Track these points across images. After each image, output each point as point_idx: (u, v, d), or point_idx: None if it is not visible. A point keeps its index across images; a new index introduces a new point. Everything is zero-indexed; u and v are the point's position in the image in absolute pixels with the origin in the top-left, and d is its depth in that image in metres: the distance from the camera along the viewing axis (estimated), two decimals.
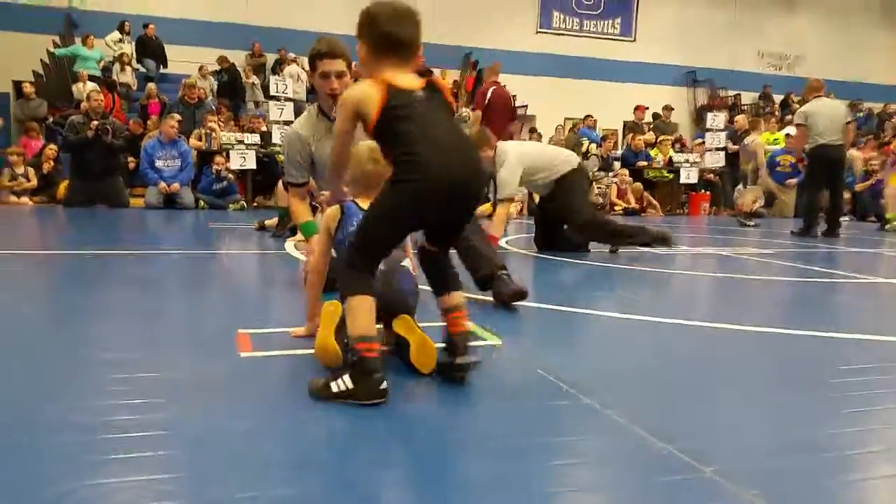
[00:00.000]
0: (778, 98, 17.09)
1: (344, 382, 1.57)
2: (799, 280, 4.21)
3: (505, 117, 7.28)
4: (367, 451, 1.34)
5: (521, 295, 2.68)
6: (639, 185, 10.89)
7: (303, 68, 13.31)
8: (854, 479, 1.31)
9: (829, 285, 4.00)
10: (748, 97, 17.66)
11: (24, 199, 8.73)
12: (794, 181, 10.20)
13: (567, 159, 4.80)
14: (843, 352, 2.30)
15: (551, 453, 1.35)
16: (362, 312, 1.60)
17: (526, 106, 15.68)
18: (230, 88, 12.60)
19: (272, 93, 9.42)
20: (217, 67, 12.76)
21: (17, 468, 1.19)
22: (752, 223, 8.69)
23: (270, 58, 14.13)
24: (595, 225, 4.78)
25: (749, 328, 2.59)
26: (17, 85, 11.75)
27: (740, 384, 1.90)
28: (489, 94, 7.37)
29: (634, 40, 17.33)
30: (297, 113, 9.53)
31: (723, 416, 1.60)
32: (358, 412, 1.55)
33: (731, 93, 17.65)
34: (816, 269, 4.71)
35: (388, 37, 1.68)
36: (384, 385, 1.56)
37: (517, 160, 4.54)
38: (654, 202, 10.92)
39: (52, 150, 9.18)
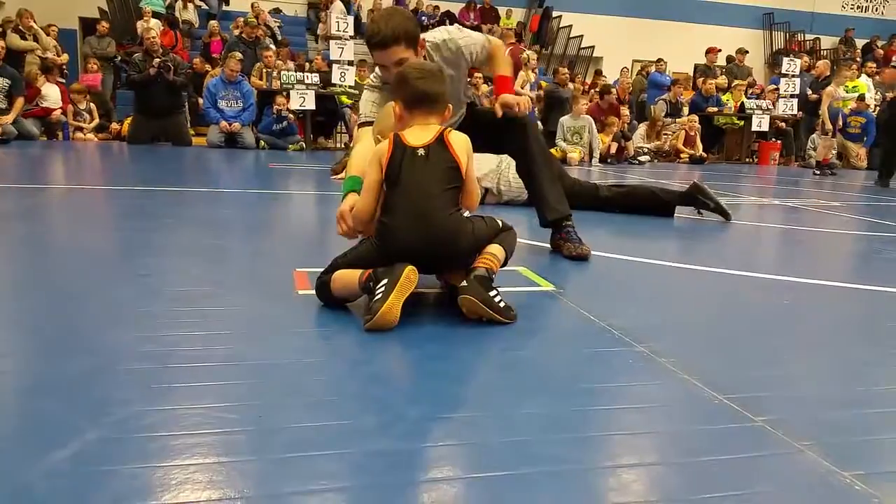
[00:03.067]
0: (860, 43, 16.06)
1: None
2: (867, 234, 4.03)
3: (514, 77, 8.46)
4: (420, 389, 1.38)
5: (583, 259, 2.65)
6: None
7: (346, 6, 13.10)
8: None
9: None
10: (828, 42, 16.66)
11: (90, 136, 9.02)
12: (863, 151, 10.09)
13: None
14: None
15: (602, 397, 1.35)
16: None
17: (592, 48, 15.18)
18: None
19: (333, 31, 9.36)
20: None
21: (92, 391, 1.27)
22: (818, 172, 8.77)
23: None
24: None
25: (812, 281, 2.51)
26: (84, 21, 11.94)
27: (799, 337, 1.86)
28: None
29: None
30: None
31: (779, 368, 1.57)
32: (411, 353, 1.58)
33: (810, 37, 16.66)
34: (887, 223, 4.49)
35: (417, 92, 1.88)
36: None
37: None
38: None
39: (81, 86, 9.25)
